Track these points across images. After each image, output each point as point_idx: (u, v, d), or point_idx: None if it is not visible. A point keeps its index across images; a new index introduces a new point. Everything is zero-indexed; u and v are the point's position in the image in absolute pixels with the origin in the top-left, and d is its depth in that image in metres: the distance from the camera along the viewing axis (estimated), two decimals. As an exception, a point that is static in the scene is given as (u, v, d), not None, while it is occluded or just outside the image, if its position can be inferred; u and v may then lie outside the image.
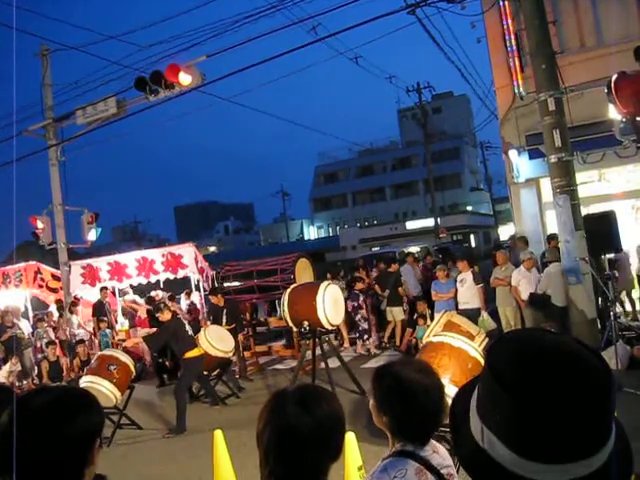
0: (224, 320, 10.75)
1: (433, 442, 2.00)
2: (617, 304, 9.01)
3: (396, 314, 12.13)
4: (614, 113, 7.45)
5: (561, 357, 0.91)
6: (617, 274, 9.20)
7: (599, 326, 8.81)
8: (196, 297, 14.50)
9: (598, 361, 0.92)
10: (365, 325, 12.32)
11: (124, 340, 12.60)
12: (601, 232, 8.35)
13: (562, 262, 8.58)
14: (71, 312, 13.60)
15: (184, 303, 14.58)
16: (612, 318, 7.94)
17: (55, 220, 13.28)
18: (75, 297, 13.92)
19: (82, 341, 11.89)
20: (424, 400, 1.93)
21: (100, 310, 13.48)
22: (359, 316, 12.33)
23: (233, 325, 10.68)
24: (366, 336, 12.28)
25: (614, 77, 6.84)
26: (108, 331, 13.10)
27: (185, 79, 10.65)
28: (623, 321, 9.18)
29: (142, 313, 13.62)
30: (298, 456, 1.48)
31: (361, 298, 12.43)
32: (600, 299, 9.23)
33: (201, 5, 12.65)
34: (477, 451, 0.95)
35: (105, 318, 13.28)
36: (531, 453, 0.88)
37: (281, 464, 1.48)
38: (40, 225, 13.05)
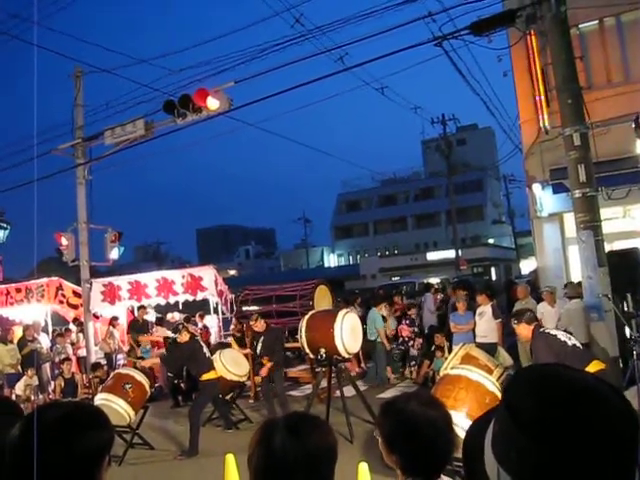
0: None
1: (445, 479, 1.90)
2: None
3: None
4: (640, 150, 7.40)
5: (582, 396, 0.86)
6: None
7: (621, 364, 8.61)
8: (214, 320, 14.51)
9: (620, 400, 0.87)
10: (416, 352, 12.34)
11: (142, 358, 12.69)
12: (624, 269, 8.23)
13: (584, 298, 8.45)
14: (113, 326, 14.04)
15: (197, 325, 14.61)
16: (635, 357, 7.76)
17: (79, 237, 13.46)
18: (95, 314, 14.07)
19: (99, 364, 11.92)
20: (432, 433, 1.84)
21: (142, 327, 13.77)
22: (417, 342, 12.35)
23: None
24: (413, 362, 12.27)
25: (641, 114, 6.82)
26: (149, 347, 13.35)
27: (213, 104, 10.81)
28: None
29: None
30: None
31: (417, 323, 12.62)
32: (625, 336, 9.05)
33: (232, 32, 12.93)
34: None
35: (145, 334, 13.56)
36: None
37: None
38: (64, 242, 13.23)
